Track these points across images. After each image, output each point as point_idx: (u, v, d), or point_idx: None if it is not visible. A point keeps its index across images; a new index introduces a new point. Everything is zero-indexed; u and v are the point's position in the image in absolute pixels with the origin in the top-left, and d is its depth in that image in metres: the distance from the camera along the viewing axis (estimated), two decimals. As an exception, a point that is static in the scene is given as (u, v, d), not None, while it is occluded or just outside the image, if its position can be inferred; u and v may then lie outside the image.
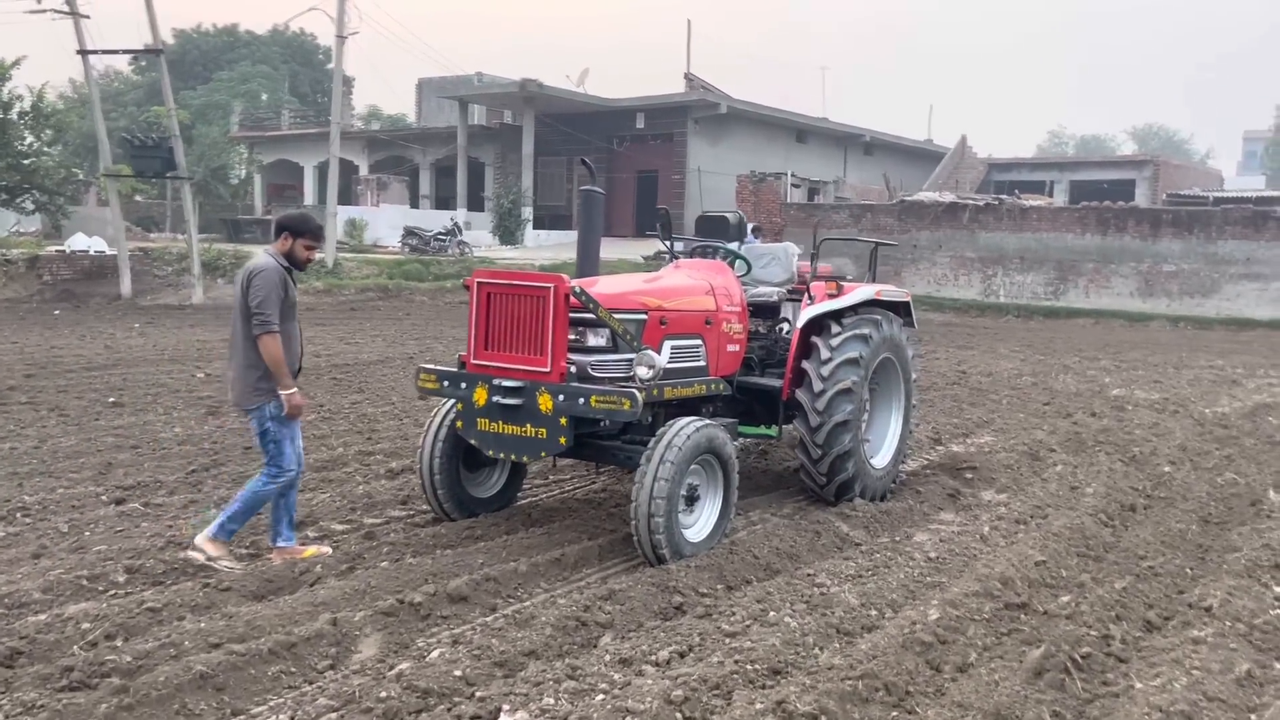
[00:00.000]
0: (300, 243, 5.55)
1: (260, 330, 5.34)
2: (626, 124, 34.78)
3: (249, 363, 5.45)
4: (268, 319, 5.34)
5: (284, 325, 5.43)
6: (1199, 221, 26.79)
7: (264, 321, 5.34)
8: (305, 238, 5.57)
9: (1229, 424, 11.05)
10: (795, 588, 5.31)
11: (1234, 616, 4.92)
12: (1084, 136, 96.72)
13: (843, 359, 7.05)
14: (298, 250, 5.55)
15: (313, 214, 5.85)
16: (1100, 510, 6.96)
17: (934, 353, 18.11)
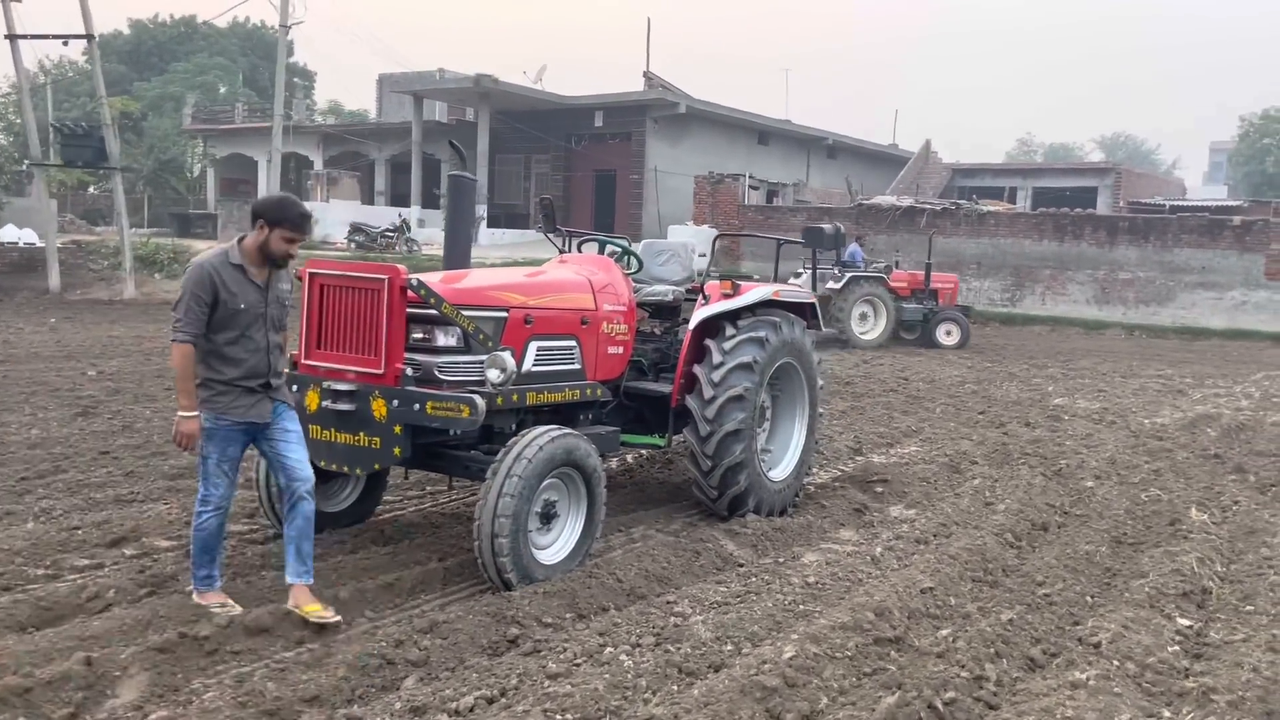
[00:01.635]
0: (278, 233, 4.57)
1: (171, 337, 4.55)
2: (585, 122, 34.18)
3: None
4: (177, 324, 4.48)
5: (221, 334, 4.52)
6: (1155, 230, 26.59)
7: (174, 327, 4.51)
8: (284, 227, 4.58)
9: (1165, 436, 10.65)
10: (649, 617, 4.77)
11: (1125, 654, 4.42)
12: (1052, 144, 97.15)
13: (735, 363, 6.53)
14: (274, 243, 4.58)
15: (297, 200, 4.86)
16: (1008, 529, 6.47)
17: (879, 358, 17.68)
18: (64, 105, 49.69)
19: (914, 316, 20.45)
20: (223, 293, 4.50)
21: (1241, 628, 4.88)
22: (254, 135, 42.64)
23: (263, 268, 4.63)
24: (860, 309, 20.11)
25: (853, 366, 16.16)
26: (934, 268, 29.56)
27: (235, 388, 4.59)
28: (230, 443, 4.66)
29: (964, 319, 20.44)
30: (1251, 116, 61.43)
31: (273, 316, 4.69)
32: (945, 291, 20.99)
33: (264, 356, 4.67)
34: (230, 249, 4.62)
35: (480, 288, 5.57)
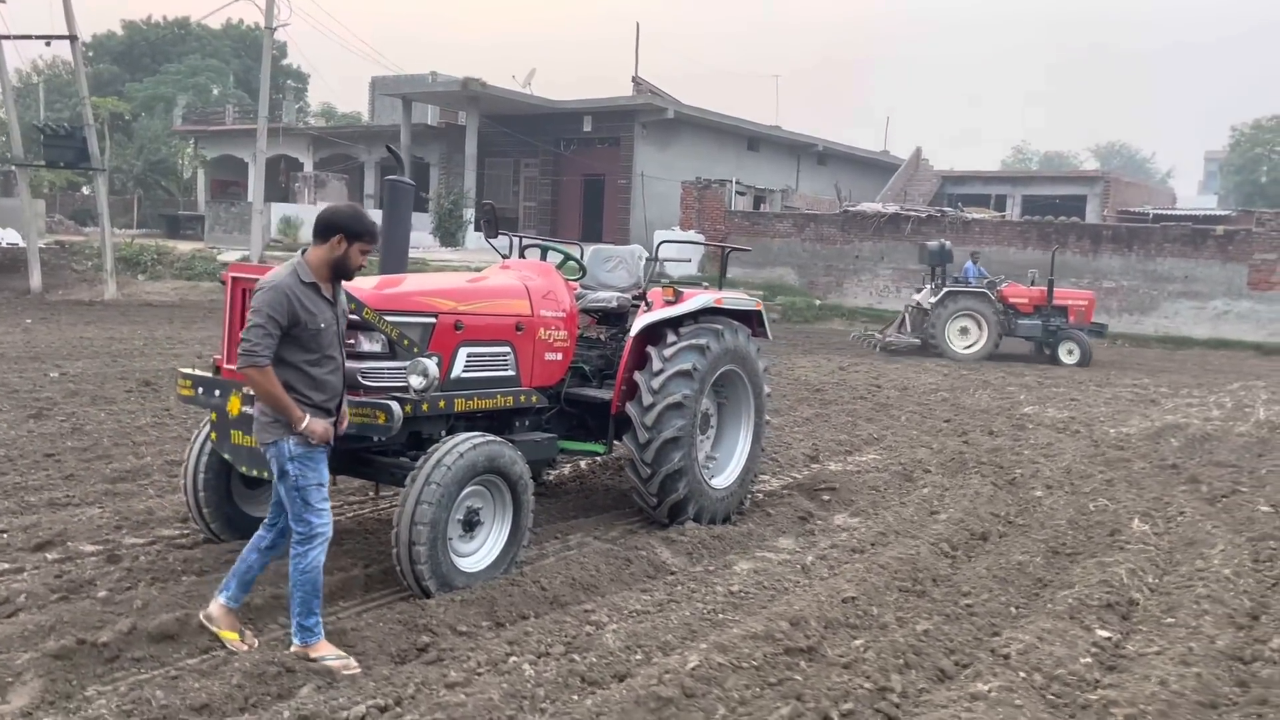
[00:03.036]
0: (358, 246, 4.37)
1: (243, 364, 4.20)
2: (573, 126, 34.16)
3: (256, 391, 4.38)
4: (253, 349, 4.16)
5: (303, 356, 4.33)
6: (1139, 239, 26.62)
7: (249, 352, 4.17)
8: (364, 240, 4.38)
9: (1127, 446, 10.64)
10: (563, 626, 4.75)
11: (1034, 666, 4.41)
12: (1047, 153, 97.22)
13: (675, 371, 6.52)
14: (354, 257, 4.37)
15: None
16: (945, 539, 6.46)
17: (857, 365, 17.69)
18: (56, 105, 49.75)
19: (1031, 333, 20.21)
20: (302, 314, 4.28)
21: (1159, 640, 4.86)
22: (245, 137, 42.59)
23: (329, 283, 4.45)
24: (961, 322, 20.14)
25: (828, 374, 16.16)
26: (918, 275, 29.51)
27: (321, 410, 4.41)
28: (324, 465, 4.45)
29: (1084, 338, 19.82)
30: (1243, 126, 61.53)
31: (342, 333, 4.57)
32: (1076, 309, 20.28)
33: (340, 375, 4.54)
34: (299, 267, 4.36)
35: (408, 293, 5.55)
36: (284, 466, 4.33)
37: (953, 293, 20.19)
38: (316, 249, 4.40)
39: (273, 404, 4.28)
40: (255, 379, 4.23)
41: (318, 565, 4.34)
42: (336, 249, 4.37)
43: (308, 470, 4.35)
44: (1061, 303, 20.25)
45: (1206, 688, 4.30)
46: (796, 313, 27.51)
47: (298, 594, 4.31)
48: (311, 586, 4.32)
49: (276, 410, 4.29)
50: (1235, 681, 4.48)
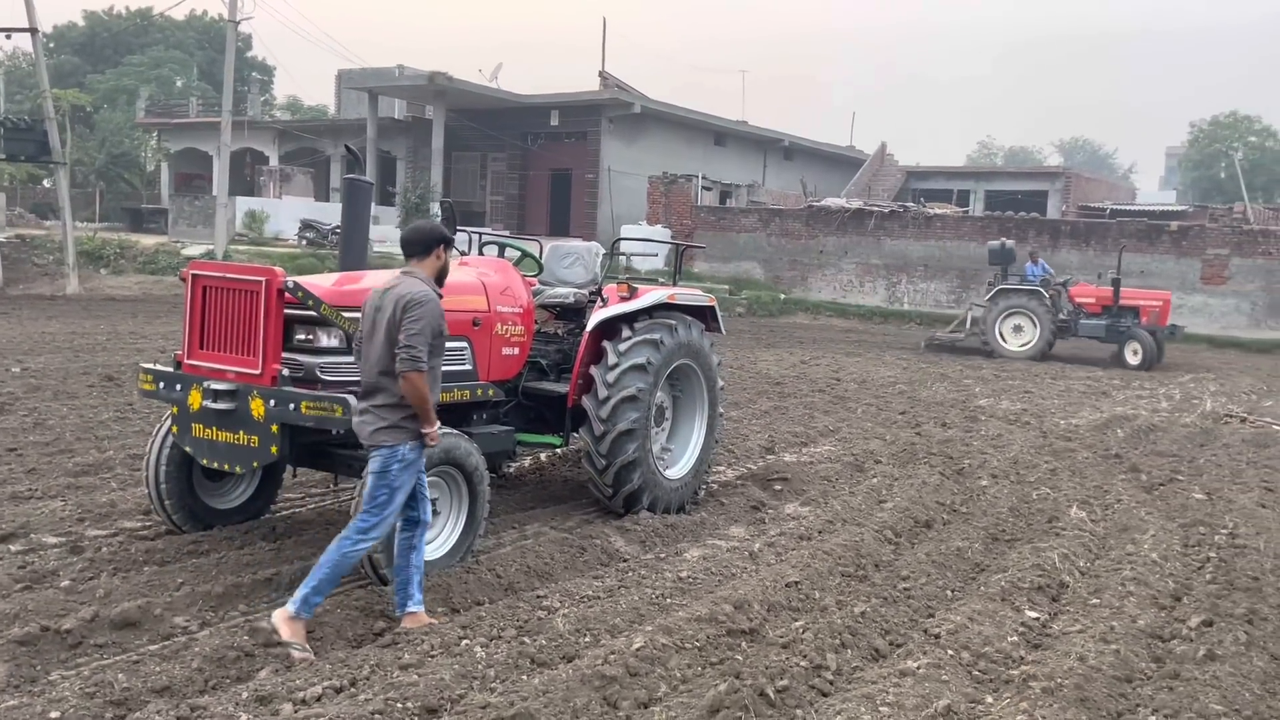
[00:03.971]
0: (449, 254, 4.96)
1: (408, 367, 4.56)
2: (541, 121, 34.24)
3: (386, 400, 4.67)
4: (419, 356, 4.57)
5: (433, 360, 4.73)
6: (1096, 233, 27.13)
7: (415, 358, 4.56)
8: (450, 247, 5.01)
9: (1074, 437, 10.97)
10: (516, 611, 4.93)
11: (963, 644, 4.65)
12: (1012, 148, 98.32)
13: (629, 365, 6.72)
14: (447, 261, 4.98)
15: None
16: (889, 526, 6.70)
17: (818, 359, 17.95)
18: (16, 98, 49.01)
19: (1094, 333, 19.92)
20: (443, 325, 4.77)
21: (1084, 619, 5.12)
22: (209, 130, 42.25)
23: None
24: (1014, 321, 19.92)
25: (789, 367, 16.41)
26: (881, 269, 29.92)
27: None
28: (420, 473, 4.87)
29: (1149, 339, 19.25)
30: (1201, 123, 62.59)
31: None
32: (1149, 310, 19.74)
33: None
34: (428, 282, 4.78)
35: (365, 289, 5.68)
36: (389, 466, 4.62)
37: (1004, 290, 20.01)
38: (424, 263, 4.85)
39: (422, 406, 4.64)
40: (415, 382, 4.59)
41: (357, 560, 4.70)
42: (441, 257, 4.92)
43: (407, 475, 4.69)
44: (1132, 303, 19.88)
45: (1124, 663, 4.55)
46: (762, 306, 27.79)
47: (326, 572, 4.54)
48: (339, 574, 4.62)
49: (423, 413, 4.66)
50: (1152, 658, 4.75)
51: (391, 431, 4.64)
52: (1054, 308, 19.75)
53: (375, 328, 4.71)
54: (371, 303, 4.79)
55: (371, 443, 4.67)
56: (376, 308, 4.73)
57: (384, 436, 4.64)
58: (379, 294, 4.78)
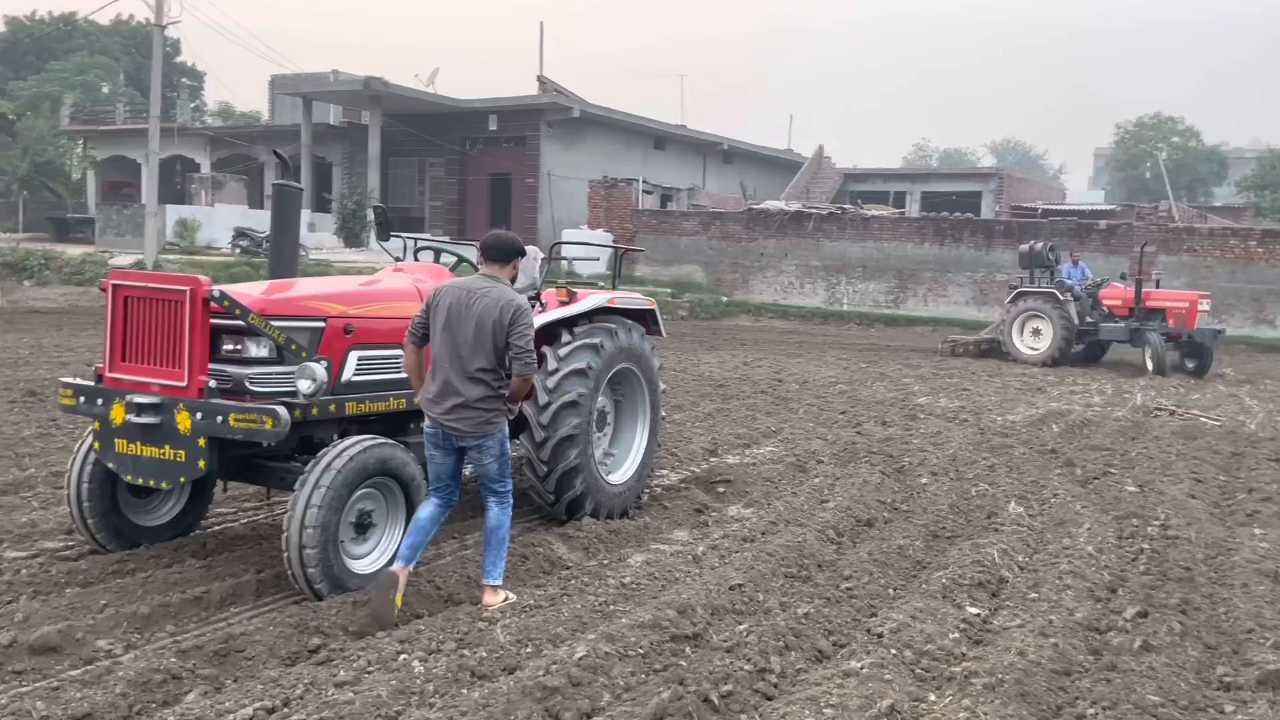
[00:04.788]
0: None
1: (529, 370, 5.18)
2: (479, 126, 33.99)
3: (489, 393, 5.10)
4: (533, 360, 5.24)
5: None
6: (1029, 233, 27.59)
7: (531, 362, 5.19)
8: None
9: (1011, 432, 11.14)
10: (455, 623, 4.83)
11: (906, 642, 4.66)
12: (947, 150, 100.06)
13: (570, 369, 6.65)
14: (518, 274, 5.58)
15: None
16: (832, 526, 6.71)
17: (760, 360, 18.02)
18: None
19: (1116, 336, 19.20)
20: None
21: (1023, 614, 5.16)
22: (136, 136, 41.21)
23: None
24: (1034, 324, 19.40)
25: (731, 369, 16.46)
26: (820, 271, 30.18)
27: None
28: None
29: (1160, 343, 18.21)
30: (1127, 124, 64.27)
31: None
32: (1175, 312, 18.57)
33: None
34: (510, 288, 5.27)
35: (296, 297, 5.56)
36: (504, 447, 5.27)
37: (1023, 293, 19.61)
38: (504, 269, 5.32)
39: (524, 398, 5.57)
40: (530, 380, 5.35)
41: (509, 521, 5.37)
42: (518, 269, 5.47)
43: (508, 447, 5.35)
44: (1157, 304, 18.92)
45: (1063, 656, 4.60)
46: (704, 309, 27.89)
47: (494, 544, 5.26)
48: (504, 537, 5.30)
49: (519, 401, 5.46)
50: (1090, 650, 4.80)
51: (497, 420, 5.21)
52: (1079, 310, 19.14)
53: (464, 326, 5.05)
54: (453, 303, 5.10)
55: (483, 434, 5.14)
56: (465, 306, 5.08)
57: (493, 426, 5.17)
58: (463, 294, 5.13)
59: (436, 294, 5.21)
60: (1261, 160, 50.49)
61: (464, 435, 5.10)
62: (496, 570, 5.24)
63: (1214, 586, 5.82)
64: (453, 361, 5.05)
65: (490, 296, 5.08)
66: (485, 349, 5.03)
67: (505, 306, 5.06)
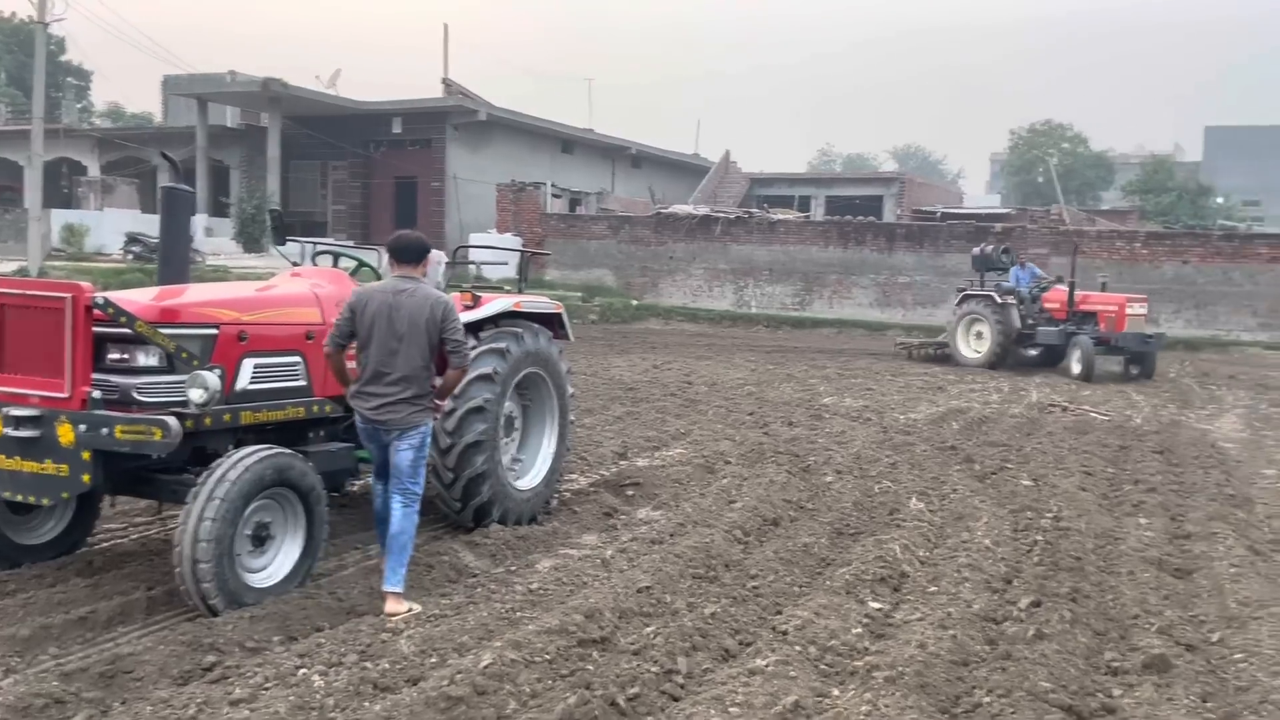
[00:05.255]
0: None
1: (464, 362, 5.57)
2: (383, 128, 33.47)
3: (418, 387, 5.33)
4: (468, 351, 5.64)
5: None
6: (929, 236, 28.44)
7: (468, 354, 5.64)
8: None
9: (913, 430, 11.40)
10: (357, 635, 4.72)
11: (810, 639, 4.72)
12: (850, 155, 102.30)
13: (475, 375, 6.56)
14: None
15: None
16: (739, 526, 6.77)
17: (670, 363, 18.11)
18: None
19: (1050, 340, 18.46)
20: None
21: (923, 607, 5.29)
22: (19, 138, 39.45)
23: None
24: (977, 327, 19.07)
25: (641, 373, 16.50)
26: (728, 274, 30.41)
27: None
28: None
29: (1090, 347, 17.44)
30: (1020, 130, 66.58)
31: None
32: (1106, 315, 17.96)
33: None
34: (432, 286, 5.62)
35: (187, 304, 5.38)
36: (427, 441, 5.45)
37: (967, 295, 19.43)
38: (416, 269, 5.49)
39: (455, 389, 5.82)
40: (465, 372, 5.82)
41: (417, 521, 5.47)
42: (428, 265, 5.64)
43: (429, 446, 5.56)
44: (1089, 308, 18.34)
45: (961, 647, 4.72)
46: (614, 313, 27.92)
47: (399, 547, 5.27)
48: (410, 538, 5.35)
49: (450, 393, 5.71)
50: (986, 640, 4.94)
51: (425, 413, 5.40)
52: (1023, 314, 18.75)
53: (396, 325, 5.24)
54: (381, 305, 5.28)
55: (411, 424, 5.32)
56: (394, 307, 5.25)
57: (421, 418, 5.36)
58: (389, 296, 5.31)
59: (361, 298, 5.38)
60: (1145, 166, 52.86)
61: (392, 428, 5.31)
62: (397, 577, 5.23)
63: (1102, 575, 6.05)
64: (385, 360, 5.27)
65: (418, 296, 5.30)
66: (419, 345, 5.27)
67: (435, 304, 5.30)
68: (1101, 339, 17.79)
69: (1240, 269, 25.14)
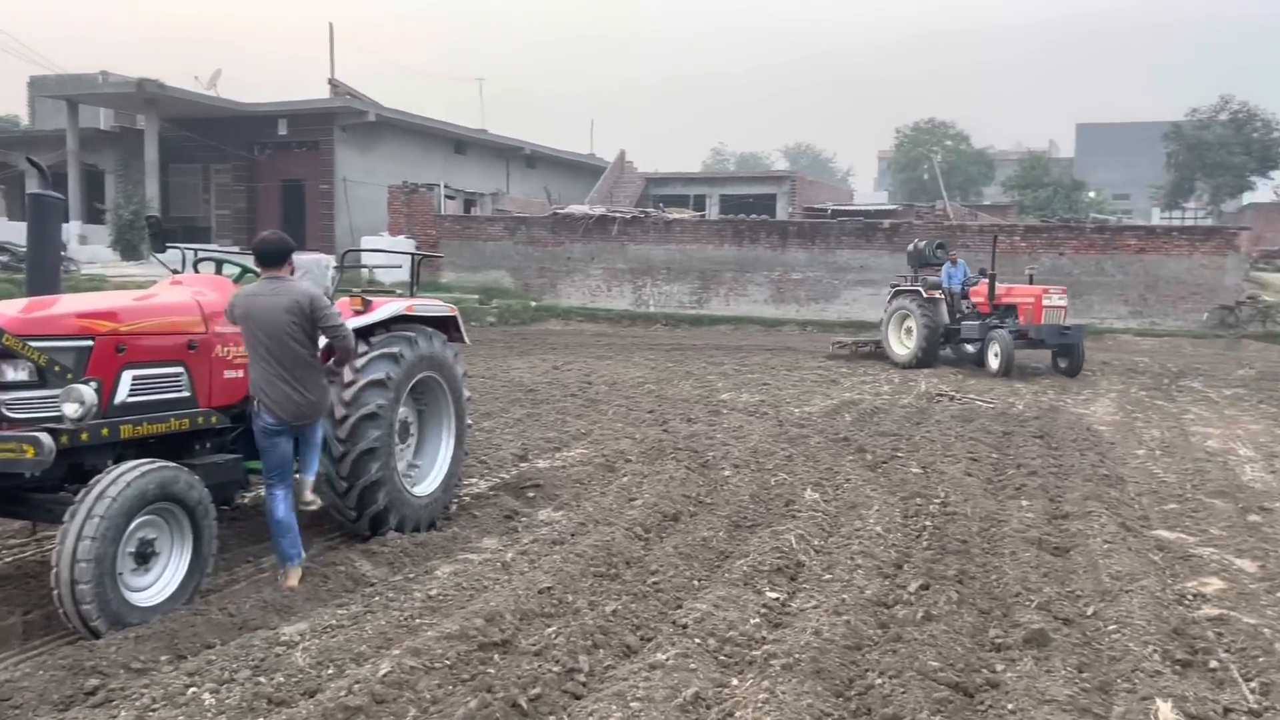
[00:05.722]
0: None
1: (349, 343, 5.87)
2: (268, 130, 32.50)
3: (316, 378, 5.69)
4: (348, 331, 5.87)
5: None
6: (820, 233, 29.03)
7: (348, 335, 5.84)
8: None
9: (808, 423, 11.64)
10: (250, 650, 4.60)
11: (709, 631, 4.80)
12: (743, 154, 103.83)
13: (367, 381, 6.46)
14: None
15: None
16: (639, 523, 6.83)
17: (570, 364, 18.09)
18: None
19: (974, 334, 17.68)
20: None
21: (818, 595, 5.43)
22: None
23: None
24: (907, 323, 18.41)
25: (541, 374, 16.44)
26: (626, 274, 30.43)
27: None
28: None
29: (1008, 341, 16.73)
30: (905, 129, 68.55)
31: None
32: (1025, 308, 17.34)
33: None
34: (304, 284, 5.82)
35: (58, 315, 5.16)
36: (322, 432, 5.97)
37: (898, 291, 18.94)
38: (283, 269, 5.69)
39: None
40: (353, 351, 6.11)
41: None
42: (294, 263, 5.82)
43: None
44: (1010, 300, 17.69)
45: (854, 632, 4.86)
46: (513, 315, 27.73)
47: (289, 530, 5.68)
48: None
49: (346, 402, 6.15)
50: (878, 624, 5.10)
51: (320, 408, 5.79)
52: (952, 309, 18.22)
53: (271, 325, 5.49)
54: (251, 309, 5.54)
55: (317, 416, 5.78)
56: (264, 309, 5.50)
57: (317, 411, 5.75)
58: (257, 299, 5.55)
59: (232, 306, 5.66)
60: (1023, 162, 54.95)
61: (303, 417, 5.66)
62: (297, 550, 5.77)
63: (987, 556, 6.30)
64: (273, 361, 5.52)
65: (284, 294, 5.55)
66: (299, 339, 5.55)
67: (302, 298, 5.55)
68: (1019, 332, 17.12)
69: (1112, 260, 26.37)
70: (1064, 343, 17.21)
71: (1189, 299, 25.80)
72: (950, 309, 18.32)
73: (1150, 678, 4.35)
